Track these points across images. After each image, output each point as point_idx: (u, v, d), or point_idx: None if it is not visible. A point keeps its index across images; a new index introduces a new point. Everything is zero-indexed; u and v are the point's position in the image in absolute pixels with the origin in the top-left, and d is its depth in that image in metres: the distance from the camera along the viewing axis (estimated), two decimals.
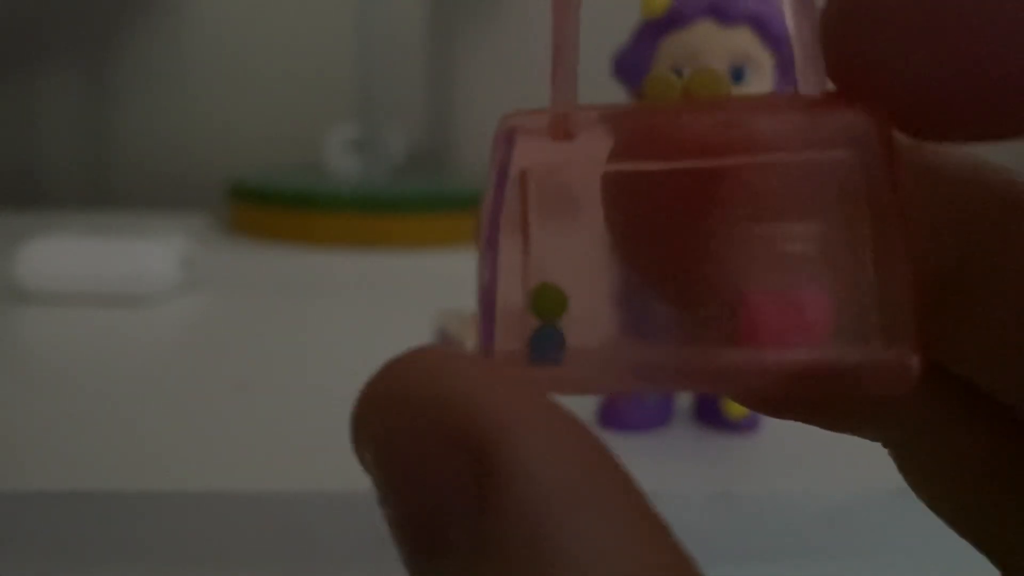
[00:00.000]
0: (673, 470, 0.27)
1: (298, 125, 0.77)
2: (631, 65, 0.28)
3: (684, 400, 0.30)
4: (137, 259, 0.42)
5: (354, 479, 0.25)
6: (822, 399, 0.13)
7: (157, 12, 0.76)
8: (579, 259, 0.12)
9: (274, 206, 0.61)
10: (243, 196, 0.63)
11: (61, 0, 0.75)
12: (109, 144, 0.77)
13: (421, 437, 0.09)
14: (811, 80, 0.11)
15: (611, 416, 0.29)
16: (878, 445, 0.14)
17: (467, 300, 0.47)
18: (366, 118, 0.66)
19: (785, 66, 0.27)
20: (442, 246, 0.61)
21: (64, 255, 0.42)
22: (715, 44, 0.26)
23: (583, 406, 0.31)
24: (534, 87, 0.64)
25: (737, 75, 0.27)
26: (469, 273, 0.51)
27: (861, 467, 0.27)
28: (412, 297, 0.47)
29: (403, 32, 0.76)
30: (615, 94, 0.29)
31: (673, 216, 0.12)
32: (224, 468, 0.26)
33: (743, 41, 0.26)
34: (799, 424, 0.13)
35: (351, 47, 0.70)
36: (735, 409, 0.29)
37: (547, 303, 0.12)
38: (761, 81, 0.27)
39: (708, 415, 0.30)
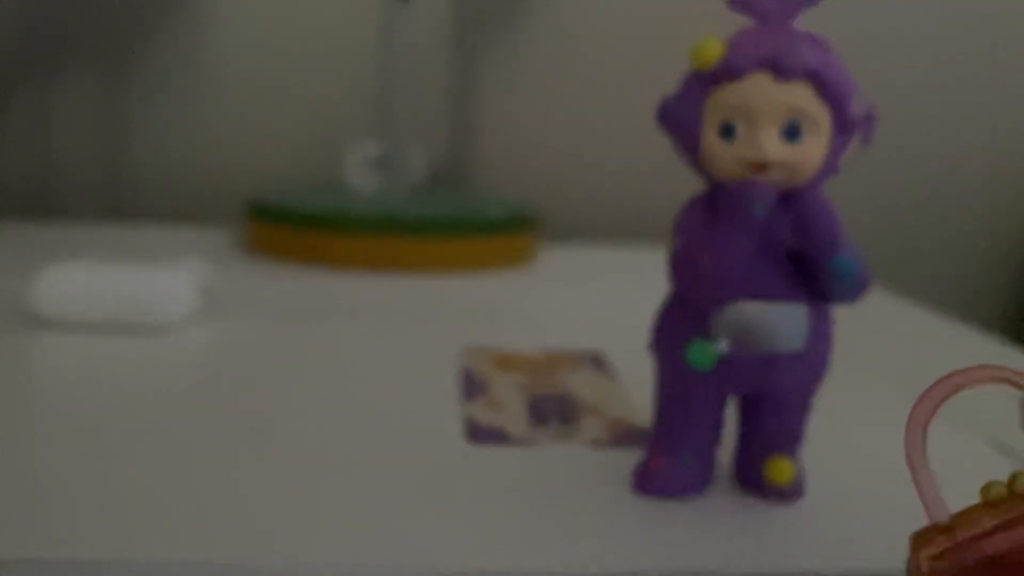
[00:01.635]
0: (713, 543, 0.25)
1: (318, 141, 0.75)
2: (679, 116, 0.26)
3: (724, 462, 0.29)
4: (156, 287, 0.41)
5: (368, 552, 0.23)
6: None
7: (177, 25, 0.74)
8: None
9: (294, 226, 0.59)
10: (262, 215, 0.61)
11: (80, 12, 0.73)
12: (126, 158, 0.76)
13: None
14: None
15: (646, 480, 0.27)
16: None
17: (490, 332, 0.46)
18: (387, 136, 0.64)
19: (843, 124, 0.25)
20: (463, 270, 0.59)
21: (81, 281, 0.40)
22: (770, 99, 0.25)
23: (617, 467, 0.29)
24: (554, 107, 0.62)
25: (792, 132, 0.25)
26: (491, 299, 0.49)
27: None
28: (435, 325, 0.46)
29: (425, 50, 0.74)
30: None
31: None
32: (237, 536, 0.24)
33: (800, 96, 0.25)
34: (849, 492, 0.18)
35: (373, 64, 0.69)
36: (780, 474, 0.27)
37: None
38: (818, 139, 0.25)
39: (750, 480, 0.28)
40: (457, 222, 0.60)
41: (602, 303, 0.54)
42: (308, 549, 0.23)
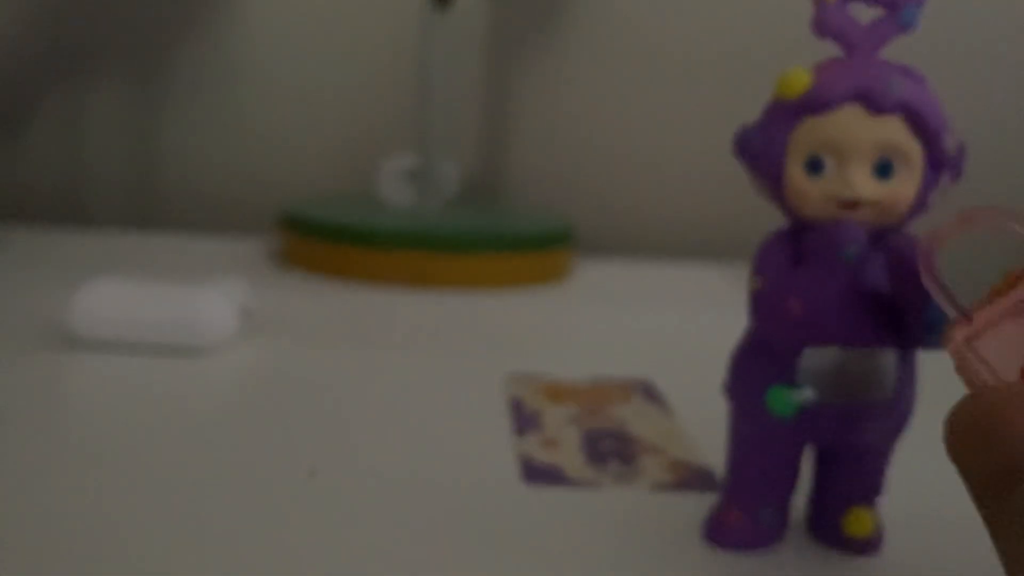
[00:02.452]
0: None
1: (351, 153, 0.74)
2: (760, 148, 0.24)
3: (799, 514, 0.27)
4: (195, 309, 0.39)
5: None
6: None
7: (209, 34, 0.73)
8: None
9: (326, 239, 0.58)
10: (295, 227, 0.60)
11: (112, 21, 0.72)
12: (157, 167, 0.75)
13: None
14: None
15: (720, 532, 0.26)
16: None
17: (532, 355, 0.44)
18: (422, 149, 0.63)
19: (936, 160, 0.23)
20: (499, 286, 0.58)
21: (118, 301, 0.39)
22: (861, 134, 0.23)
23: (682, 512, 0.28)
24: (588, 121, 0.61)
25: (884, 169, 0.23)
26: (531, 318, 0.47)
27: None
28: (476, 347, 0.44)
29: (460, 63, 0.73)
30: None
31: None
32: (276, 572, 0.22)
33: (893, 132, 0.23)
34: (925, 544, 0.20)
35: (408, 76, 0.67)
36: (860, 527, 0.26)
37: None
38: (910, 176, 0.23)
39: (826, 530, 0.26)
40: (493, 237, 0.58)
41: (643, 323, 0.52)
42: None
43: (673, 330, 0.51)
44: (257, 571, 0.23)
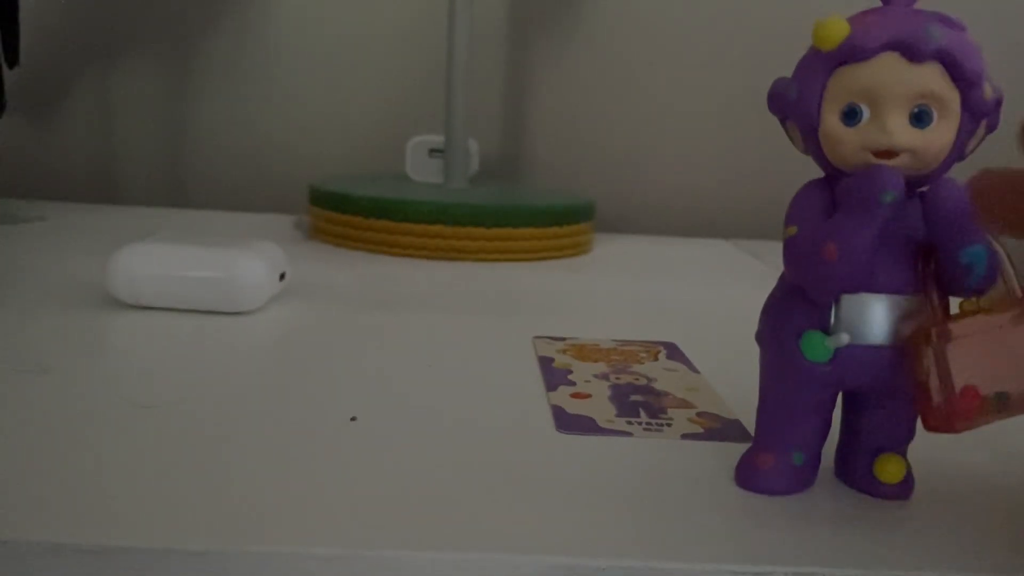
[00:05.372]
0: (820, 539, 0.23)
1: (379, 132, 0.73)
2: (796, 98, 0.24)
3: (828, 461, 0.27)
4: (236, 271, 0.39)
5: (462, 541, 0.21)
6: None
7: (240, 15, 0.73)
8: None
9: (355, 213, 0.58)
10: (324, 202, 0.60)
11: (144, 3, 0.72)
12: (188, 146, 0.75)
13: None
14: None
15: (752, 476, 0.25)
16: None
17: (559, 321, 0.44)
18: (447, 128, 0.63)
19: (973, 108, 0.23)
20: (522, 258, 0.58)
21: (157, 264, 0.39)
22: (899, 81, 0.22)
23: (714, 459, 0.27)
24: (605, 103, 0.60)
25: (921, 117, 0.23)
26: (555, 288, 0.47)
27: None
28: (503, 313, 0.44)
29: (481, 45, 0.72)
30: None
31: None
32: (331, 521, 0.22)
33: (931, 79, 0.22)
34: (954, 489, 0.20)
35: (434, 57, 0.67)
36: (892, 472, 0.25)
37: None
38: (948, 124, 0.23)
39: (858, 476, 0.26)
40: (517, 212, 0.58)
41: (664, 292, 0.52)
42: (399, 534, 0.22)
43: (693, 299, 0.50)
44: (303, 512, 0.23)
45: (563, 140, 0.75)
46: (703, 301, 0.50)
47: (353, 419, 0.28)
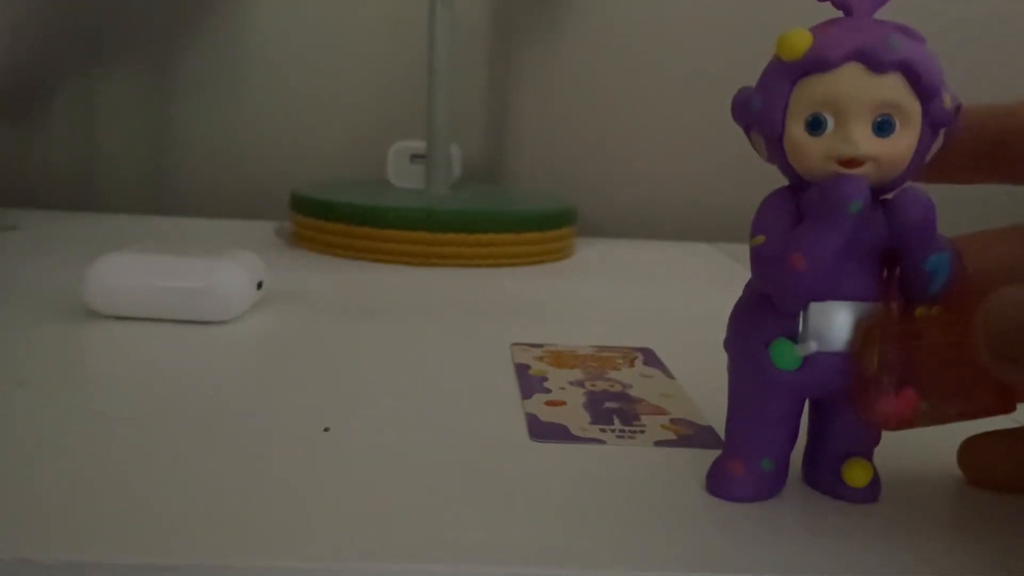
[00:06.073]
0: (790, 544, 0.23)
1: (361, 139, 0.73)
2: (761, 108, 0.24)
3: (797, 468, 0.27)
4: (212, 281, 0.39)
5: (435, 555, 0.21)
6: None
7: (220, 21, 0.72)
8: None
9: (336, 220, 0.57)
10: (306, 208, 0.60)
11: (124, 8, 0.72)
12: (170, 153, 0.74)
13: None
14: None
15: (722, 483, 0.26)
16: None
17: (537, 327, 0.44)
18: (428, 133, 0.63)
19: (933, 117, 0.23)
20: (504, 264, 0.58)
21: (134, 274, 0.38)
22: (862, 91, 0.22)
23: (686, 466, 0.27)
24: (587, 107, 0.60)
25: (884, 127, 0.23)
26: (534, 294, 0.47)
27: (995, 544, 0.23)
28: (482, 319, 0.44)
29: (462, 48, 0.72)
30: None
31: None
32: (295, 532, 0.22)
33: (893, 89, 0.22)
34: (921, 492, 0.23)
35: (415, 61, 0.67)
36: (858, 477, 0.25)
37: None
38: (910, 133, 0.23)
39: (824, 481, 0.26)
40: (498, 217, 0.58)
41: (644, 297, 0.52)
42: (371, 548, 0.22)
43: (673, 304, 0.51)
44: (275, 521, 0.23)
45: (546, 145, 0.75)
46: (682, 306, 0.50)
47: (326, 429, 0.28)
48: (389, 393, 0.33)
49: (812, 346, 0.23)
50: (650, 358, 0.38)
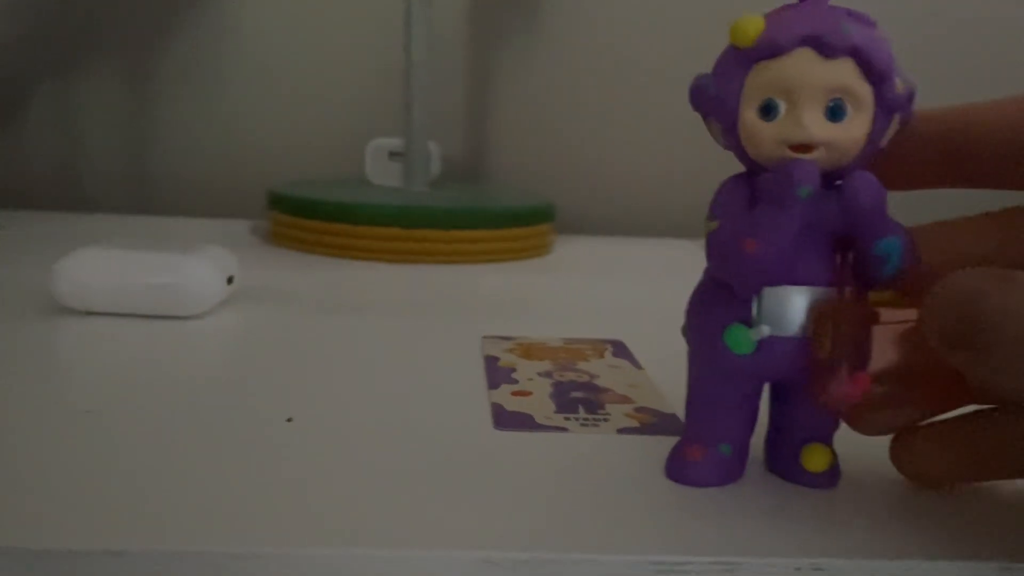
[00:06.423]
0: (750, 529, 0.23)
1: (339, 137, 0.73)
2: (715, 95, 0.24)
3: (756, 453, 0.27)
4: (182, 276, 0.39)
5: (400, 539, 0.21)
6: None
7: (201, 20, 0.72)
8: None
9: (314, 218, 0.57)
10: (283, 206, 0.60)
11: (105, 6, 0.72)
12: (150, 152, 0.74)
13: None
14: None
15: (681, 469, 0.26)
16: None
17: (511, 321, 0.44)
18: (407, 130, 0.63)
19: (886, 103, 0.23)
20: (482, 261, 0.58)
21: (102, 270, 0.38)
22: (813, 76, 0.23)
23: (648, 454, 0.28)
24: (566, 105, 0.60)
25: (835, 111, 0.23)
26: (510, 289, 0.47)
27: (958, 531, 0.23)
28: (456, 315, 0.44)
29: (442, 46, 0.72)
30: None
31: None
32: (266, 522, 0.22)
33: (845, 74, 0.23)
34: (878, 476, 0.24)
35: (393, 59, 0.67)
36: (818, 461, 0.25)
37: None
38: (861, 118, 0.23)
39: (784, 466, 0.26)
40: (476, 214, 0.58)
41: (620, 293, 0.52)
42: (335, 534, 0.22)
43: (646, 298, 0.51)
44: (241, 512, 0.23)
45: (525, 141, 0.75)
46: (654, 299, 0.50)
47: (289, 420, 0.28)
48: (356, 386, 0.33)
49: (765, 330, 0.23)
50: (620, 350, 0.38)
